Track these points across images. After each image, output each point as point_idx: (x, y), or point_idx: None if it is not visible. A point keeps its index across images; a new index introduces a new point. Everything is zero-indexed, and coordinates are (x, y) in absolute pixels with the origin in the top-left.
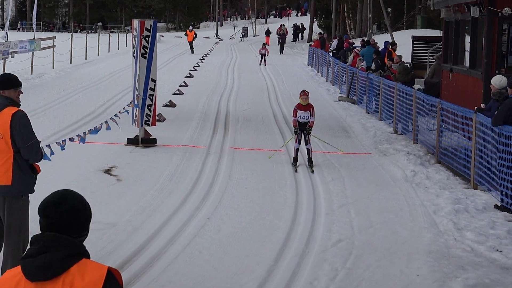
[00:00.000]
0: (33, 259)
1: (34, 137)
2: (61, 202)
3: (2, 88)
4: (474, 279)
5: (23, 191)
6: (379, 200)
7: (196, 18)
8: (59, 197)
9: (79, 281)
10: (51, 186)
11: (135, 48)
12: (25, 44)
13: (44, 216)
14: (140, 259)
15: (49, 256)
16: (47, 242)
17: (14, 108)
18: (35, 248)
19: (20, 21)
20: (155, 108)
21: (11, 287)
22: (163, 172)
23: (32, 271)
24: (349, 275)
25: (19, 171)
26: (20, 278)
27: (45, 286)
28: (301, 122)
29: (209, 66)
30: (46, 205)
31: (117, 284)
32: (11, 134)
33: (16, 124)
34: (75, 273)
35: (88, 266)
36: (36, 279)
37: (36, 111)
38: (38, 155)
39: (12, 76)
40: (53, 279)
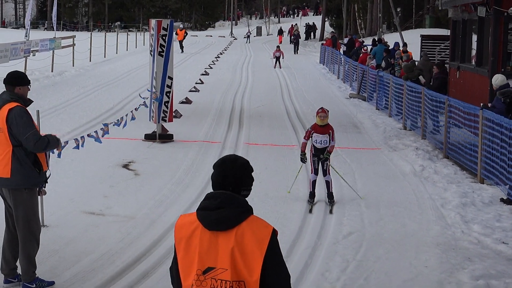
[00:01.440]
0: (210, 212)
1: (31, 129)
2: (236, 159)
3: (17, 84)
4: (481, 271)
5: (22, 184)
6: (388, 193)
7: (211, 17)
8: (233, 157)
9: (249, 235)
10: (72, 180)
11: (153, 46)
12: (46, 43)
13: (220, 170)
14: (157, 251)
15: (225, 212)
16: (225, 200)
17: (13, 103)
18: (213, 203)
19: (41, 20)
20: (171, 105)
21: (189, 231)
22: (180, 167)
23: (211, 222)
24: (360, 266)
25: (18, 165)
26: (197, 225)
27: (220, 235)
28: (318, 147)
29: (224, 64)
30: (224, 161)
31: (278, 243)
32: (8, 129)
33: (12, 118)
34: (245, 228)
35: (257, 223)
36: (213, 229)
37: (57, 108)
38: (40, 145)
39: (21, 73)
40: (228, 231)
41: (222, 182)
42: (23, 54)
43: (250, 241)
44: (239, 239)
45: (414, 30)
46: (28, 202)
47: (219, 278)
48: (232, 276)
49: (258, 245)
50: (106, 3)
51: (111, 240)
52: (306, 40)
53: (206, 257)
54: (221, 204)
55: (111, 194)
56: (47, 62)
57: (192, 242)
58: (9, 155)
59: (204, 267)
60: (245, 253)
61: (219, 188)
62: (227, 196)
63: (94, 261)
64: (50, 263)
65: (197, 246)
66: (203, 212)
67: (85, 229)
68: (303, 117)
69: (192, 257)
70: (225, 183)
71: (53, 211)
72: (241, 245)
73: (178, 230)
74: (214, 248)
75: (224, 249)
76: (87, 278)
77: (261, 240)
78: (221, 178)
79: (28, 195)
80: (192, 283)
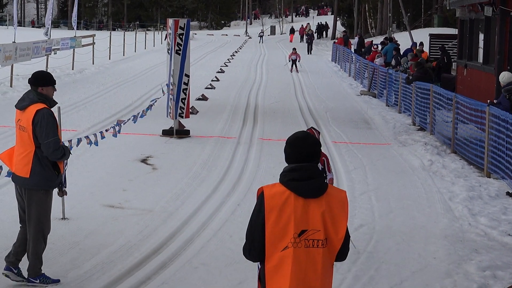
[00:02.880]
0: (303, 182)
1: (53, 135)
2: (307, 137)
3: (41, 85)
4: (487, 262)
5: (40, 185)
6: (398, 187)
7: (227, 17)
8: (304, 134)
9: (335, 200)
10: (92, 174)
11: (170, 45)
12: (67, 41)
13: (293, 147)
14: (175, 243)
15: (317, 182)
16: (314, 171)
17: (41, 105)
18: (304, 174)
19: (62, 19)
20: (188, 101)
21: (281, 200)
22: (196, 161)
23: (306, 191)
24: (370, 258)
25: (39, 165)
26: (289, 194)
27: (312, 202)
28: None
29: (239, 62)
30: (296, 139)
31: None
32: (33, 130)
33: (38, 120)
34: (331, 194)
35: (335, 190)
36: (308, 197)
37: (77, 104)
38: (56, 154)
39: (49, 74)
40: (318, 198)
41: (306, 157)
42: (44, 53)
43: (337, 205)
44: (329, 204)
45: (423, 29)
46: (42, 203)
47: (312, 238)
48: (323, 235)
49: (342, 208)
50: (125, 3)
51: (130, 232)
52: (318, 39)
53: (300, 221)
54: (312, 175)
55: (130, 188)
56: (68, 60)
57: (285, 209)
58: (31, 155)
59: (299, 230)
60: (333, 216)
61: (302, 161)
62: (315, 168)
63: (113, 253)
64: (71, 254)
65: (291, 212)
66: (296, 182)
67: (104, 222)
68: (315, 114)
69: (286, 222)
70: (309, 157)
71: (74, 205)
72: (330, 208)
73: (269, 200)
74: (306, 213)
75: (315, 213)
76: (106, 269)
77: (343, 203)
78: (305, 153)
79: (44, 196)
80: (287, 245)
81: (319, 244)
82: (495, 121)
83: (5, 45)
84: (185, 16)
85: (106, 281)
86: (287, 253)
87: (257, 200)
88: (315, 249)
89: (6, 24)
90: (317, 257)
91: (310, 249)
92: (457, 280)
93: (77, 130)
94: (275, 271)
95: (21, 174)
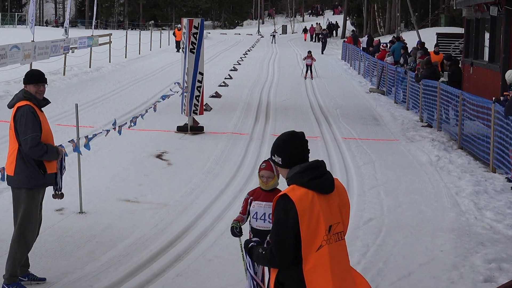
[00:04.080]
0: (321, 179)
1: (31, 132)
2: (298, 134)
3: (24, 82)
4: (493, 254)
5: (23, 183)
6: (406, 182)
7: (240, 16)
8: (294, 133)
9: (340, 190)
10: (109, 169)
11: (184, 44)
12: (84, 40)
13: (294, 148)
14: (189, 236)
15: (329, 176)
16: (323, 166)
17: (24, 102)
18: (318, 172)
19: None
20: (202, 99)
21: (308, 201)
22: (210, 157)
23: (327, 187)
24: (379, 250)
25: (22, 164)
26: (313, 194)
27: (330, 196)
28: (258, 229)
29: (251, 60)
30: (293, 139)
31: None
32: (15, 126)
33: (18, 117)
34: (337, 185)
35: (336, 179)
36: (328, 192)
37: (94, 101)
38: (35, 151)
39: (34, 72)
40: (333, 191)
41: (304, 154)
42: (62, 51)
43: (343, 194)
44: (339, 195)
45: (430, 28)
46: (26, 203)
47: (336, 232)
48: (342, 226)
49: (346, 196)
50: (141, 3)
51: (145, 226)
52: (329, 38)
53: (327, 217)
54: (324, 170)
55: (145, 183)
56: (85, 58)
57: (314, 209)
58: (15, 153)
59: (328, 227)
60: (344, 205)
61: (305, 159)
62: (321, 163)
63: (129, 246)
64: (88, 247)
65: (319, 211)
66: (316, 181)
67: (120, 215)
68: (326, 111)
69: (316, 221)
70: (306, 154)
71: (91, 199)
72: (341, 199)
73: (299, 203)
74: (329, 208)
75: (334, 207)
76: (123, 262)
77: (345, 192)
78: (306, 150)
79: (26, 195)
80: (321, 243)
81: (342, 236)
82: (500, 117)
83: (24, 44)
84: (199, 15)
85: (122, 273)
86: (323, 252)
87: (279, 208)
88: (341, 241)
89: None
90: (344, 248)
91: (338, 243)
92: (463, 272)
93: (94, 127)
94: (314, 271)
95: (7, 172)
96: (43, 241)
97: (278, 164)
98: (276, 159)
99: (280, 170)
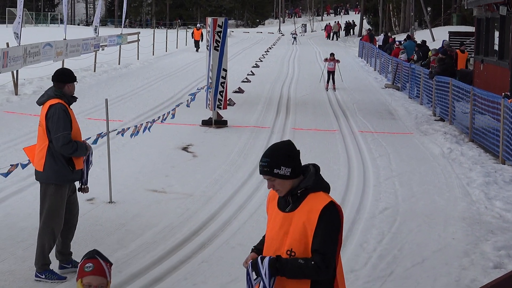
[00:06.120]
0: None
1: (63, 130)
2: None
3: (54, 80)
4: (502, 242)
5: (52, 179)
6: (420, 173)
7: (261, 15)
8: (287, 141)
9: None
10: (137, 161)
11: (209, 42)
12: (114, 38)
13: (298, 154)
14: (213, 225)
15: None
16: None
17: (56, 100)
18: (315, 173)
19: (109, 18)
20: (226, 94)
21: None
22: (233, 149)
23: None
24: (394, 238)
25: (52, 160)
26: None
27: None
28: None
29: (272, 58)
30: (294, 146)
31: None
32: (46, 124)
33: (50, 114)
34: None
35: None
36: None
37: (123, 97)
38: (66, 148)
39: (66, 71)
40: None
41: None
42: (93, 49)
43: None
44: None
45: (442, 27)
46: (54, 198)
47: None
48: None
49: None
50: (168, 2)
51: (172, 215)
52: (346, 36)
53: None
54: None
55: (172, 174)
56: (115, 56)
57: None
58: (45, 150)
59: None
60: None
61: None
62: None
63: (157, 234)
64: (117, 235)
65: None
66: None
67: (148, 205)
68: (343, 105)
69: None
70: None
71: (120, 189)
72: None
73: (340, 210)
74: None
75: None
76: (150, 249)
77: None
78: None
79: (55, 190)
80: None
81: None
82: (509, 112)
83: (57, 42)
84: (223, 15)
85: (150, 260)
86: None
87: (332, 216)
88: None
89: (58, 23)
90: None
91: None
92: (474, 259)
93: (123, 121)
94: (339, 273)
95: (37, 168)
96: (75, 229)
97: (283, 177)
98: (283, 171)
99: (282, 183)
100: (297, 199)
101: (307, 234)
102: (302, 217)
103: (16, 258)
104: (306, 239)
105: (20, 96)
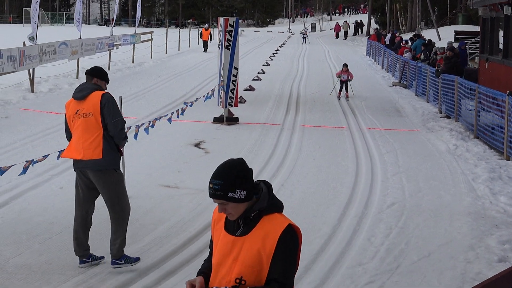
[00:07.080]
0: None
1: (120, 116)
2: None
3: (97, 76)
4: (507, 236)
5: (113, 164)
6: (426, 169)
7: (272, 15)
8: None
9: None
10: (150, 157)
11: (221, 41)
12: (128, 37)
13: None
14: None
15: None
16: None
17: (103, 91)
18: (268, 192)
19: (123, 18)
20: (237, 92)
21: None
22: (244, 146)
23: None
24: (401, 233)
25: (108, 147)
26: None
27: None
28: None
29: (282, 56)
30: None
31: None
32: (101, 112)
33: (105, 102)
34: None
35: None
36: None
37: (137, 94)
38: (122, 132)
39: (104, 70)
40: None
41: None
42: (107, 48)
43: None
44: None
45: (448, 26)
46: (119, 182)
47: None
48: None
49: None
50: (180, 2)
51: (184, 210)
52: (355, 35)
53: None
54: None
55: (184, 170)
56: (129, 54)
57: None
58: (100, 138)
59: None
60: None
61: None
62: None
63: (169, 228)
64: (131, 230)
65: None
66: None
67: (161, 200)
68: (351, 103)
69: None
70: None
71: (133, 185)
72: None
73: (301, 235)
74: None
75: None
76: (163, 243)
77: None
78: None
79: (118, 175)
80: None
81: None
82: None
83: (72, 41)
84: (234, 14)
85: (163, 254)
86: None
87: (291, 241)
88: None
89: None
90: None
91: None
92: (479, 253)
93: (136, 118)
94: None
95: (93, 157)
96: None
97: (238, 201)
98: (238, 194)
99: (235, 207)
100: (249, 222)
101: (261, 261)
102: (256, 243)
103: (32, 252)
104: (259, 267)
105: (36, 93)
